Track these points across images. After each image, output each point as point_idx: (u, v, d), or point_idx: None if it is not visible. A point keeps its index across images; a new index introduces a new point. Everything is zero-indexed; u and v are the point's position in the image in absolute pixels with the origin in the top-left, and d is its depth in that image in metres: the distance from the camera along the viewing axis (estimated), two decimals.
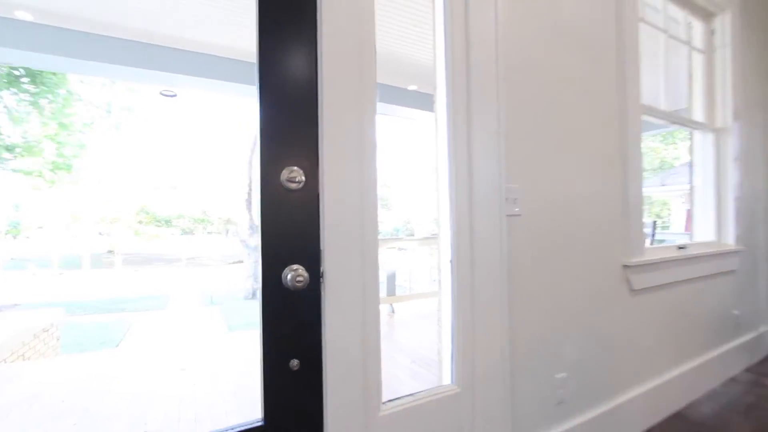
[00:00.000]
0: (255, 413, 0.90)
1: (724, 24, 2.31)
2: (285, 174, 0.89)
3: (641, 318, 1.79)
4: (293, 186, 0.90)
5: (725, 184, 2.39)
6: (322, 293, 0.95)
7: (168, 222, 14.24)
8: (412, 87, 4.65)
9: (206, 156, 13.36)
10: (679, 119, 2.18)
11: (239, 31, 3.37)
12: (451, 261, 1.22)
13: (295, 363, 0.91)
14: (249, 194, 8.01)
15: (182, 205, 13.97)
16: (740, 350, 2.39)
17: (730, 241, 2.37)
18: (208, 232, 14.66)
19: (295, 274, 0.88)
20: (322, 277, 0.95)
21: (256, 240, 3.81)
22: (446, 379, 1.24)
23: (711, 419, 1.82)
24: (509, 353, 1.28)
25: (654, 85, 2.17)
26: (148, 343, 4.93)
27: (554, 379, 1.43)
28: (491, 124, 1.26)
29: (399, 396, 1.13)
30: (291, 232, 0.91)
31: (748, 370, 2.39)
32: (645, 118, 1.90)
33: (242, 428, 0.87)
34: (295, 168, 0.91)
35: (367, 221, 1.01)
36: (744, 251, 2.43)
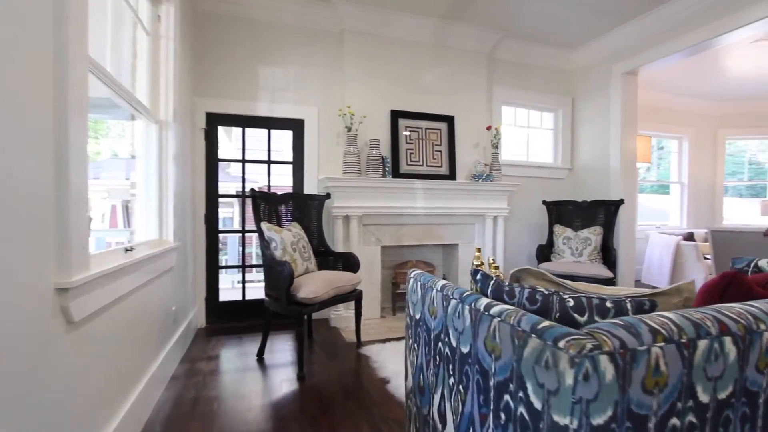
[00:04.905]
0: None
1: (169, 15, 2.25)
2: None
3: (89, 354, 1.28)
4: None
5: (167, 180, 2.36)
6: None
7: None
8: None
9: None
10: (128, 95, 1.84)
11: None
12: None
13: None
14: None
15: None
16: (177, 344, 2.45)
17: (170, 237, 2.37)
18: None
19: None
20: None
21: None
22: None
23: None
24: None
25: (100, 47, 1.69)
26: None
27: None
28: None
29: None
30: None
31: (182, 361, 2.50)
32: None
33: None
34: None
35: None
36: (180, 246, 2.53)
